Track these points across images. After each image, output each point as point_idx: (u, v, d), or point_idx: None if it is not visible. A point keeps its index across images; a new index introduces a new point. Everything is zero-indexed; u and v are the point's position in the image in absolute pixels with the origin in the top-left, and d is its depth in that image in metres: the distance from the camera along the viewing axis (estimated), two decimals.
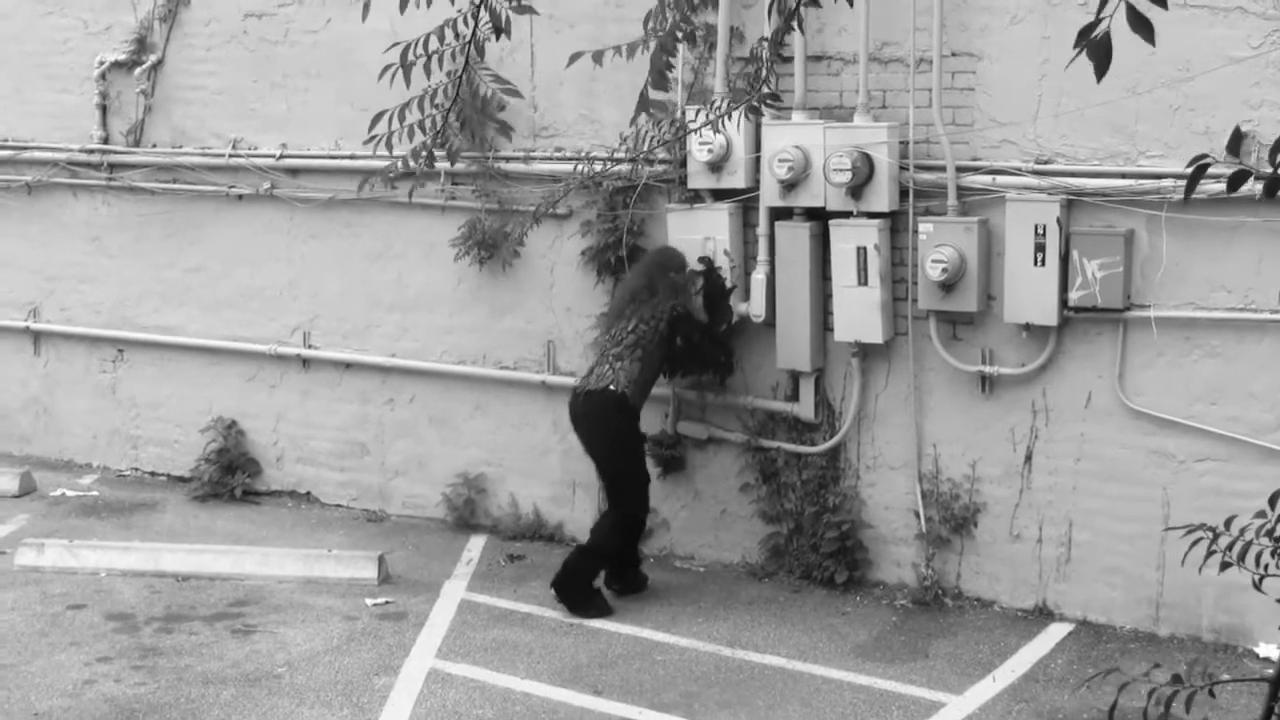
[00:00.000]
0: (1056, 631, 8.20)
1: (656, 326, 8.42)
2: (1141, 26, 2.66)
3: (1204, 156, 2.83)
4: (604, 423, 8.45)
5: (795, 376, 8.97)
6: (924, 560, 8.69)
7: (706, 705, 7.27)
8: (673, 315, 8.45)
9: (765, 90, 5.69)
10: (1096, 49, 2.70)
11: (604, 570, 8.61)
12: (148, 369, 11.42)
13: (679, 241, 8.94)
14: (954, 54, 8.32)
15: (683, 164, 8.97)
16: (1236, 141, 2.86)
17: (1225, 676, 7.29)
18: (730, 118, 5.91)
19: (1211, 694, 2.73)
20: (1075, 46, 2.71)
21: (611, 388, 8.35)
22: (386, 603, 8.69)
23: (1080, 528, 8.29)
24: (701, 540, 9.45)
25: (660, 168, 9.13)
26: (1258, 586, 3.12)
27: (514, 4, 4.83)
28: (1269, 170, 2.91)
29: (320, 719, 7.11)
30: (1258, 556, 3.06)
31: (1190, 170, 2.87)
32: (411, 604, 8.67)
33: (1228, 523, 3.11)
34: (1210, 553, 3.11)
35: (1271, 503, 3.08)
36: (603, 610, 8.40)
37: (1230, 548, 3.08)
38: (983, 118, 8.29)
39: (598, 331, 9.49)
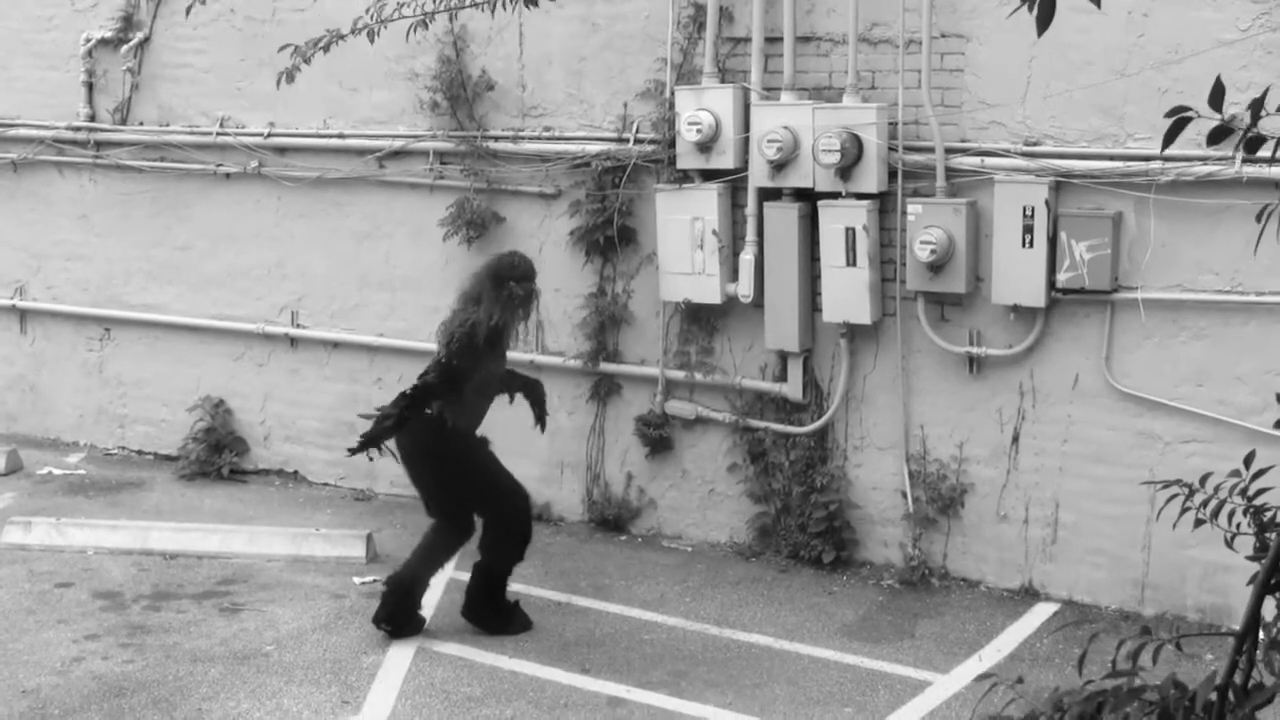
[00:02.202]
0: (1042, 611, 8.24)
1: (473, 338, 7.53)
2: None
3: (1186, 108, 2.84)
4: (424, 451, 7.74)
5: (783, 357, 8.98)
6: (911, 540, 8.72)
7: (694, 684, 7.30)
8: (492, 329, 7.57)
9: None
10: (1041, 6, 2.74)
11: (509, 578, 8.00)
12: (135, 347, 11.40)
13: (667, 222, 8.95)
14: (943, 35, 8.33)
15: (671, 144, 8.97)
16: (1219, 95, 2.85)
17: (1203, 656, 7.34)
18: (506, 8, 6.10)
19: (1179, 647, 2.78)
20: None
21: (428, 411, 7.61)
22: (374, 581, 8.67)
23: (1066, 508, 8.33)
24: (689, 520, 9.47)
25: (649, 148, 9.13)
26: (1229, 544, 3.19)
27: None
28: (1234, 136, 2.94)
29: (309, 697, 7.12)
30: (1230, 514, 3.12)
31: (1170, 121, 2.88)
32: None
33: (1203, 480, 3.17)
34: (1185, 509, 3.17)
35: (1246, 463, 3.14)
36: (523, 623, 7.91)
37: (1205, 505, 3.13)
38: (971, 99, 8.30)
39: (586, 312, 9.50)
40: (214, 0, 10.65)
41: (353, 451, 7.72)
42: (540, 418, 8.12)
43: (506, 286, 7.65)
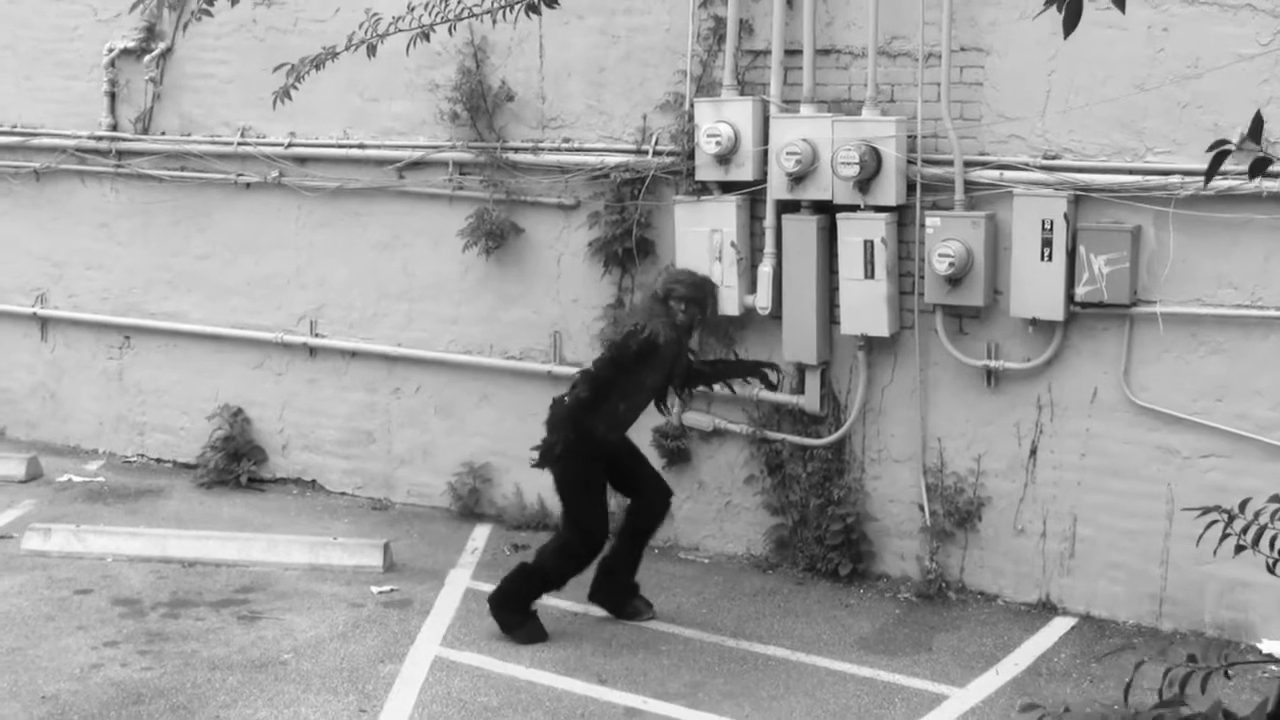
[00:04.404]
0: (1060, 625, 8.22)
1: (623, 350, 7.79)
2: None
3: (1225, 142, 2.86)
4: (550, 432, 7.92)
5: (801, 369, 8.98)
6: (928, 553, 8.72)
7: (710, 695, 7.30)
8: (643, 341, 7.75)
9: None
10: (1069, 7, 2.77)
11: (545, 593, 8.12)
12: (154, 356, 11.44)
13: (686, 234, 8.96)
14: (963, 48, 8.33)
15: (690, 156, 8.99)
16: (1258, 128, 2.88)
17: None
18: (511, 10, 6.10)
19: (1227, 675, 2.77)
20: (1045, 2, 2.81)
21: (565, 398, 7.91)
22: (392, 590, 8.72)
23: (1084, 522, 8.32)
24: (706, 531, 9.47)
25: (668, 159, 9.15)
26: (1271, 570, 3.15)
27: None
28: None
29: (326, 705, 7.14)
30: (1272, 540, 3.10)
31: (1211, 156, 2.90)
32: (416, 592, 8.70)
33: (1242, 505, 3.14)
34: (1225, 535, 3.14)
35: None
36: (535, 635, 7.92)
37: (1245, 531, 3.11)
38: (991, 112, 8.30)
39: (604, 323, 9.52)
40: (236, 11, 10.71)
41: (538, 467, 8.06)
42: (767, 381, 8.39)
43: (666, 302, 7.86)
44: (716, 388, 8.70)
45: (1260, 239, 7.66)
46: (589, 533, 7.95)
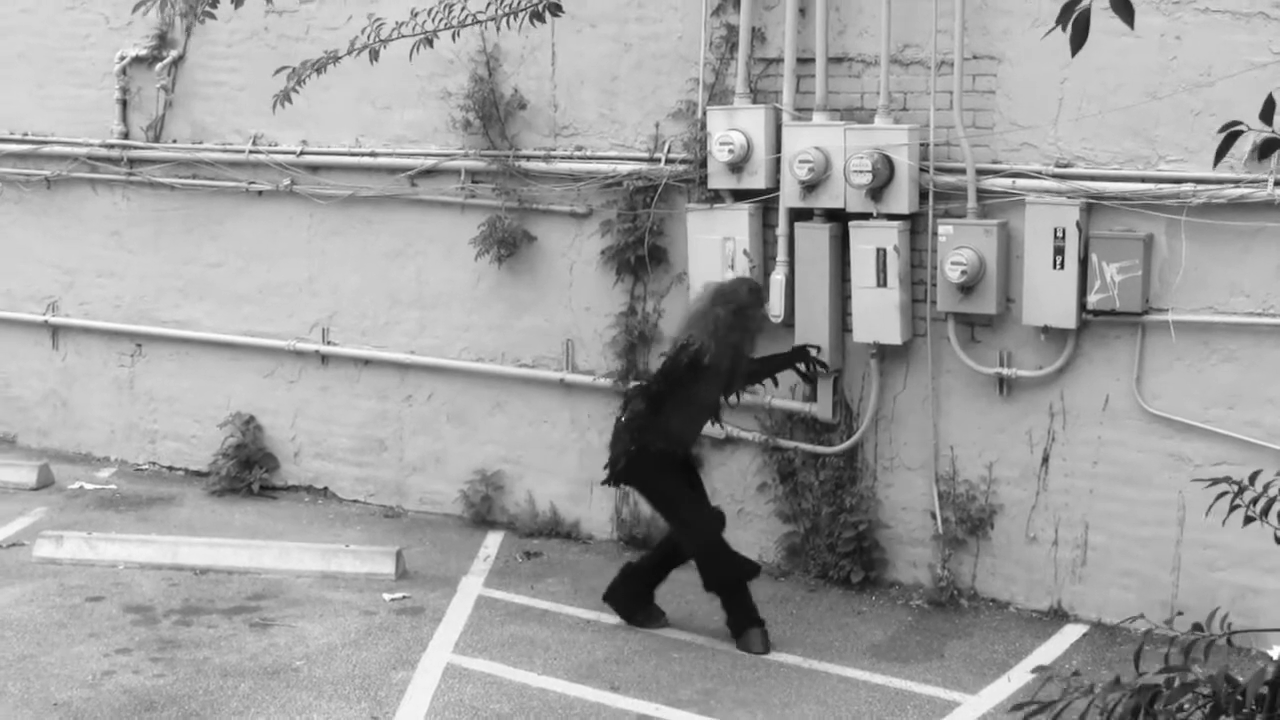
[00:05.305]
0: (1071, 633, 8.22)
1: (674, 363, 7.89)
2: (1122, 9, 2.77)
3: (1237, 123, 2.88)
4: (612, 450, 8.09)
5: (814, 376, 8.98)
6: (940, 561, 8.71)
7: (723, 702, 7.30)
8: (693, 354, 7.79)
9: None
10: (1075, 25, 2.80)
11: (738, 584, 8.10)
12: (166, 363, 11.46)
13: (698, 242, 8.97)
14: (975, 57, 8.34)
15: (703, 164, 9.00)
16: (1270, 109, 2.91)
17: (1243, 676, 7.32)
18: (515, 18, 6.15)
19: (1230, 643, 2.81)
20: (1058, 20, 2.84)
21: (620, 416, 8.09)
22: (404, 598, 8.72)
23: (1096, 530, 8.31)
24: None
25: (681, 168, 9.16)
26: (1279, 540, 3.17)
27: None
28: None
29: (338, 712, 7.15)
30: None
31: (1222, 137, 2.91)
32: (428, 599, 8.71)
33: (1252, 477, 3.16)
34: (1234, 507, 3.16)
35: None
36: (763, 640, 7.95)
37: (1255, 502, 3.13)
38: (1003, 120, 8.31)
39: (617, 331, 9.52)
40: (247, 18, 10.74)
41: (608, 484, 8.28)
42: (807, 376, 8.60)
43: (715, 312, 7.87)
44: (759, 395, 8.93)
45: (1272, 247, 7.66)
46: (700, 528, 7.99)
